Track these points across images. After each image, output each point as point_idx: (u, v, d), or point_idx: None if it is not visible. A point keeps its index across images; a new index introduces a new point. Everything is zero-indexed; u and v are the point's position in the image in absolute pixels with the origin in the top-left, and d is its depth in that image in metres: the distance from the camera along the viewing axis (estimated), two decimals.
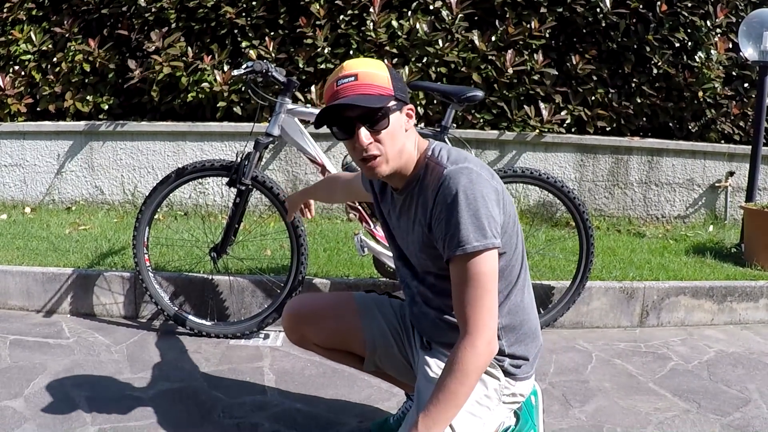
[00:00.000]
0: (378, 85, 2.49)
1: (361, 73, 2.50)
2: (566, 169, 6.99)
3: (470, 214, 2.40)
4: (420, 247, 2.64)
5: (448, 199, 2.44)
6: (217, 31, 6.91)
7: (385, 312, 3.07)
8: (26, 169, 6.97)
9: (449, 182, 2.45)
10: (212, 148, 6.79)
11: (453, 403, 2.38)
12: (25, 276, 4.85)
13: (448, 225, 2.42)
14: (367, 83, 2.48)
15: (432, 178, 2.55)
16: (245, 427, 3.38)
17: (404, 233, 2.75)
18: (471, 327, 2.38)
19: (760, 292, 5.21)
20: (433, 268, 2.66)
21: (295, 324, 3.09)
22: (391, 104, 2.50)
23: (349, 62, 2.57)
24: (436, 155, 2.59)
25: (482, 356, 2.38)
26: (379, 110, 2.47)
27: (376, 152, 2.51)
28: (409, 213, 2.67)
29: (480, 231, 2.40)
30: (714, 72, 7.19)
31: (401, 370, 3.08)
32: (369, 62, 2.57)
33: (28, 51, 7.07)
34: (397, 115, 2.53)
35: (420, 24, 6.68)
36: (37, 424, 3.32)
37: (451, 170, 2.48)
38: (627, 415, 3.66)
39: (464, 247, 2.39)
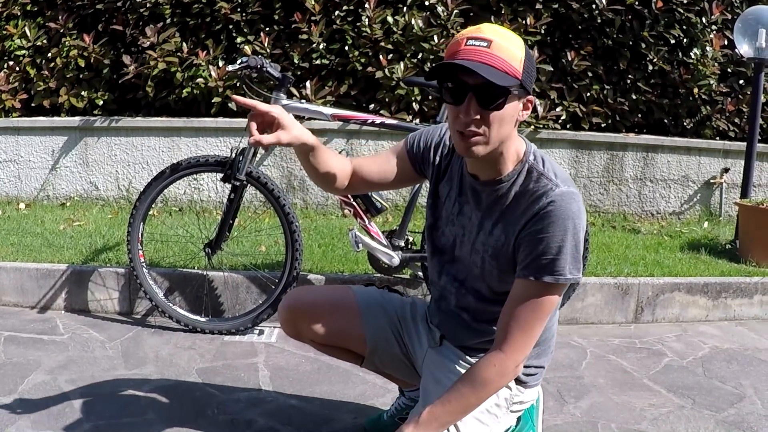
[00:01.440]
0: (509, 63, 2.24)
1: (496, 43, 2.24)
2: (561, 165, 6.98)
3: (573, 245, 2.33)
4: (493, 252, 2.49)
5: (555, 221, 2.31)
6: (212, 27, 6.90)
7: (387, 310, 2.98)
8: (21, 164, 6.96)
9: (561, 204, 2.32)
10: (207, 143, 6.79)
11: (461, 410, 2.39)
12: (19, 272, 4.84)
13: (547, 247, 2.32)
14: (498, 56, 2.23)
15: (535, 187, 2.39)
16: (239, 423, 3.38)
17: (473, 228, 2.57)
18: (509, 346, 2.36)
19: (754, 288, 5.21)
20: (494, 278, 2.53)
21: (292, 319, 2.97)
22: (514, 89, 2.27)
23: (488, 26, 2.31)
24: (540, 165, 2.43)
25: (506, 378, 2.39)
26: (500, 90, 2.23)
27: (479, 131, 2.28)
28: (490, 212, 2.51)
29: (576, 264, 2.34)
30: (709, 69, 7.19)
31: (401, 368, 3.04)
32: (508, 35, 2.29)
33: (22, 46, 7.06)
34: (515, 103, 2.31)
35: (415, 20, 6.67)
36: (32, 420, 3.31)
37: (564, 192, 2.35)
38: (621, 411, 3.65)
39: (557, 277, 2.32)
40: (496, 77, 2.19)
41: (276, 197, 4.35)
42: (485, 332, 2.64)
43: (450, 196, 2.65)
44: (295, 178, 6.83)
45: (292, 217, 4.34)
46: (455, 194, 2.63)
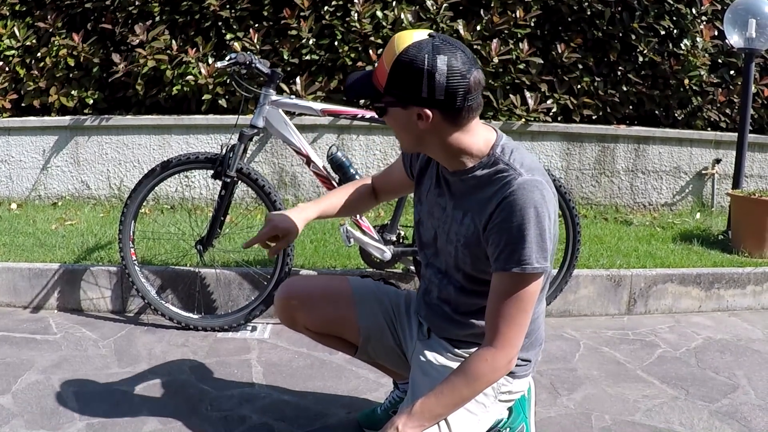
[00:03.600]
0: (379, 73, 2.38)
1: (384, 53, 2.37)
2: (553, 157, 6.99)
3: (537, 233, 2.33)
4: (465, 242, 2.53)
5: (517, 210, 2.33)
6: (202, 24, 6.88)
7: (381, 301, 3.00)
8: (12, 165, 6.94)
9: (521, 193, 2.34)
10: (198, 141, 6.78)
11: (453, 403, 2.41)
12: (11, 272, 4.82)
13: (511, 237, 2.34)
14: (378, 65, 2.39)
15: (500, 178, 2.42)
16: (233, 419, 3.38)
17: (447, 219, 2.61)
18: (498, 342, 2.37)
19: (747, 279, 5.22)
20: (468, 266, 2.57)
21: (287, 307, 2.98)
22: (383, 100, 2.40)
23: (396, 35, 2.39)
24: (507, 156, 2.45)
25: (499, 372, 2.41)
26: (376, 99, 2.41)
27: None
28: (460, 203, 2.55)
29: (542, 253, 2.34)
30: (700, 59, 7.20)
31: (394, 359, 3.05)
32: (390, 48, 2.36)
33: (11, 46, 7.03)
34: (397, 111, 2.39)
35: (404, 14, 6.66)
36: (25, 420, 3.30)
37: (526, 180, 2.37)
38: (615, 403, 3.66)
39: (524, 266, 2.33)
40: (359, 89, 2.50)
41: (267, 193, 4.34)
42: (467, 324, 2.67)
43: (430, 189, 2.70)
44: (287, 174, 6.82)
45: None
46: (434, 187, 2.69)
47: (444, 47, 2.30)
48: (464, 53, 2.33)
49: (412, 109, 2.36)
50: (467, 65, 2.31)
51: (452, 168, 2.53)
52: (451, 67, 2.29)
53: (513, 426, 2.95)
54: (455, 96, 2.32)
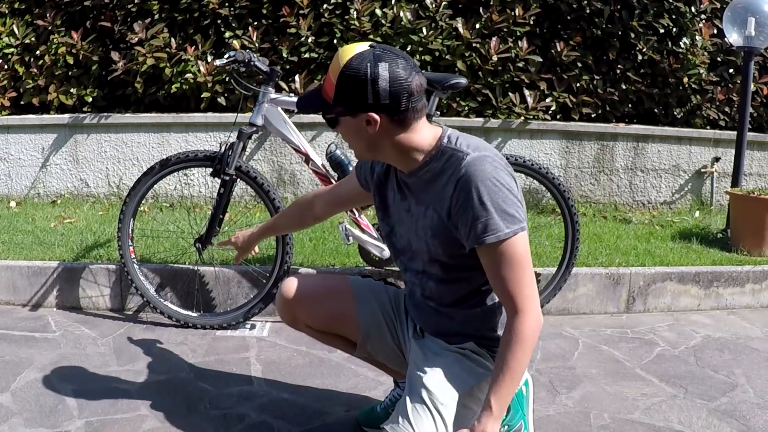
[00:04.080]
0: (327, 86, 2.52)
1: (328, 75, 2.52)
2: (552, 156, 6.99)
3: (499, 201, 2.42)
4: (432, 233, 2.61)
5: (473, 186, 2.43)
6: (201, 22, 6.88)
7: (381, 299, 3.06)
8: (11, 162, 6.94)
9: (473, 169, 2.45)
10: (197, 139, 6.77)
11: (516, 377, 2.45)
12: (10, 270, 4.82)
13: (475, 212, 2.43)
14: (325, 80, 2.53)
15: (450, 163, 2.53)
16: (232, 417, 3.38)
17: (413, 218, 2.70)
18: (519, 305, 2.45)
19: (746, 277, 5.22)
20: (442, 256, 2.64)
21: (289, 305, 3.06)
22: (333, 110, 2.53)
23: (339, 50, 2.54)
24: (453, 144, 2.56)
25: (536, 329, 2.48)
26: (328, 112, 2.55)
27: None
28: (420, 198, 2.65)
29: (510, 216, 2.42)
30: (699, 58, 7.20)
31: (393, 358, 3.09)
32: (335, 62, 2.51)
33: (10, 44, 7.02)
34: (347, 119, 2.53)
35: (404, 12, 6.66)
36: (25, 418, 3.31)
37: (474, 157, 2.48)
38: (614, 401, 3.66)
39: (497, 234, 2.41)
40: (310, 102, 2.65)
41: (266, 191, 4.34)
42: (455, 315, 2.73)
43: (395, 198, 2.80)
44: (285, 172, 6.82)
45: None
46: (397, 194, 2.78)
47: (384, 55, 2.44)
48: (405, 60, 2.46)
49: (361, 116, 2.49)
50: (408, 70, 2.44)
51: (407, 168, 2.64)
52: (393, 72, 2.43)
53: (511, 424, 2.96)
54: (399, 99, 2.45)
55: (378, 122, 2.49)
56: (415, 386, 2.58)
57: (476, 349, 2.71)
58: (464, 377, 2.63)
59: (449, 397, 2.55)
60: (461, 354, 2.70)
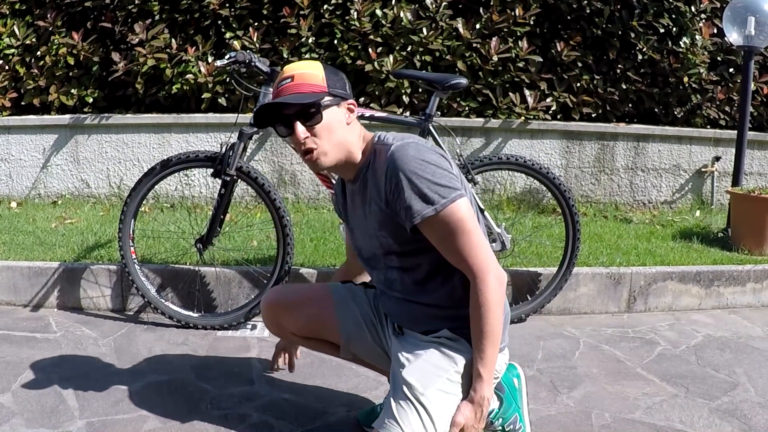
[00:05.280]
0: (311, 84, 2.68)
1: (297, 74, 2.70)
2: (552, 155, 6.99)
3: (428, 176, 2.56)
4: (379, 226, 2.76)
5: (399, 169, 2.58)
6: (201, 22, 6.89)
7: (359, 302, 3.16)
8: (12, 163, 6.94)
9: (398, 154, 2.60)
10: (197, 139, 6.78)
11: (494, 340, 2.59)
12: (11, 270, 4.83)
13: (408, 191, 2.56)
14: (301, 83, 2.67)
15: (381, 158, 2.69)
16: (233, 418, 3.38)
17: (362, 219, 2.87)
18: (476, 269, 2.57)
19: (747, 276, 5.22)
20: (395, 246, 2.77)
21: (272, 314, 3.20)
22: (325, 100, 2.68)
23: (289, 66, 2.78)
24: (383, 139, 2.74)
25: (498, 289, 2.59)
26: (311, 106, 2.65)
27: (313, 146, 2.68)
28: (364, 197, 2.80)
29: (442, 187, 2.56)
30: (699, 57, 7.20)
31: (376, 357, 3.17)
32: (305, 64, 2.77)
33: (11, 45, 7.03)
34: (333, 110, 2.71)
35: (404, 12, 6.67)
36: (25, 418, 3.30)
37: (397, 146, 2.64)
38: (615, 401, 3.66)
39: (434, 206, 2.55)
40: (303, 98, 2.65)
41: (266, 192, 4.34)
42: (420, 301, 2.84)
43: (351, 213, 2.99)
44: (286, 173, 6.82)
45: (283, 212, 4.34)
46: (351, 208, 2.97)
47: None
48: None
49: (343, 104, 2.76)
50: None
51: (351, 174, 2.84)
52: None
53: (505, 416, 3.01)
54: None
55: (354, 109, 2.79)
56: (397, 383, 2.68)
57: (451, 336, 2.78)
58: (442, 365, 2.70)
59: (429, 386, 2.63)
60: (437, 343, 2.79)
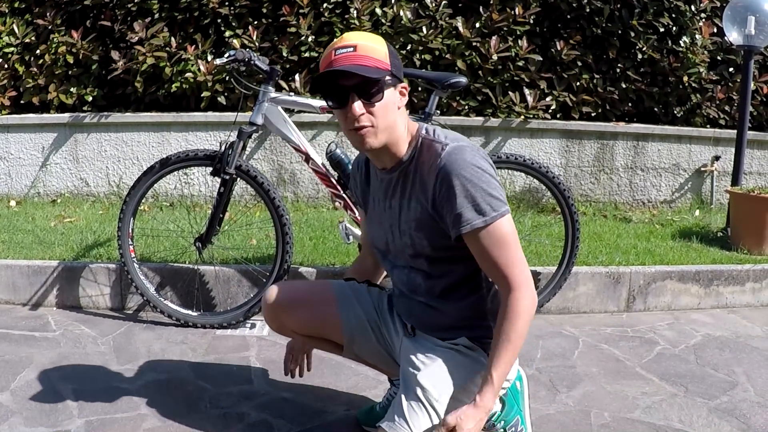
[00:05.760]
0: (375, 59, 2.52)
1: (361, 45, 2.53)
2: (552, 154, 6.99)
3: (483, 185, 2.49)
4: (416, 225, 2.67)
5: (454, 174, 2.49)
6: (201, 21, 6.89)
7: (363, 301, 3.09)
8: (11, 162, 6.94)
9: (454, 157, 2.51)
10: (197, 138, 6.77)
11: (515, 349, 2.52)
12: (10, 269, 4.82)
13: (461, 198, 2.49)
14: (365, 55, 2.51)
15: (429, 154, 2.59)
16: (232, 416, 3.38)
17: (394, 214, 2.75)
18: (514, 282, 2.51)
19: (746, 276, 5.22)
20: (428, 249, 2.68)
21: (274, 312, 3.10)
22: (387, 79, 2.54)
23: (349, 34, 2.60)
24: (431, 134, 2.64)
25: (531, 305, 2.53)
26: (376, 82, 2.51)
27: (367, 123, 2.54)
28: (403, 192, 2.70)
29: (495, 200, 2.50)
30: (699, 57, 7.20)
31: (379, 358, 3.12)
32: (369, 36, 2.60)
33: (10, 43, 7.02)
34: (391, 90, 2.57)
35: (404, 11, 6.67)
36: (24, 417, 3.31)
37: (452, 148, 2.54)
38: (614, 400, 3.66)
39: (484, 218, 2.48)
40: (369, 72, 2.49)
41: (266, 190, 4.34)
42: (442, 309, 2.77)
43: (375, 202, 2.89)
44: (286, 172, 6.82)
45: (283, 210, 4.34)
46: (378, 198, 2.86)
47: None
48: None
49: (398, 86, 2.63)
50: None
51: (390, 162, 2.70)
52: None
53: (507, 419, 2.98)
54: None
55: (406, 94, 2.66)
56: (410, 384, 2.62)
57: (469, 344, 2.74)
58: (458, 373, 2.66)
59: (444, 394, 2.59)
60: (454, 350, 2.73)
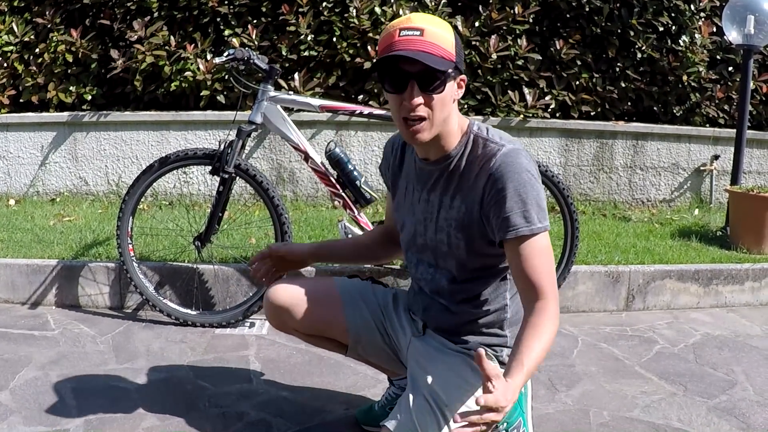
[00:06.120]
0: (442, 47, 2.38)
1: (428, 30, 2.38)
2: (551, 153, 6.99)
3: (534, 194, 2.42)
4: (457, 225, 2.57)
5: (509, 178, 2.40)
6: (200, 20, 6.88)
7: (368, 300, 3.01)
8: (10, 161, 6.94)
9: (510, 161, 2.42)
10: (196, 137, 6.77)
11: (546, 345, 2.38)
12: (9, 268, 4.82)
13: (511, 204, 2.40)
14: (432, 42, 2.37)
15: (482, 153, 2.49)
16: (231, 415, 3.38)
17: (432, 208, 2.65)
18: (544, 291, 2.41)
19: (745, 275, 5.22)
20: (462, 251, 2.60)
21: (276, 309, 3.00)
22: (450, 71, 2.41)
23: (416, 15, 2.44)
24: (484, 133, 2.55)
25: (557, 312, 2.44)
26: (441, 74, 2.37)
27: (423, 114, 2.41)
28: (446, 188, 2.59)
29: (542, 211, 2.43)
30: (698, 56, 7.20)
31: (385, 358, 3.06)
32: (437, 21, 2.45)
33: (10, 42, 7.02)
34: (452, 83, 2.45)
35: (403, 10, 6.66)
36: (23, 416, 3.30)
37: (509, 150, 2.45)
38: (613, 399, 3.66)
39: (531, 227, 2.40)
40: (435, 63, 2.34)
41: (265, 189, 4.34)
42: (464, 313, 2.70)
43: (408, 189, 2.77)
44: (285, 170, 6.82)
45: (282, 209, 4.34)
46: (412, 186, 2.74)
47: None
48: None
49: (458, 78, 2.50)
50: None
51: (436, 154, 2.58)
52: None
53: (510, 421, 2.94)
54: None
55: (463, 86, 2.53)
56: (418, 385, 2.56)
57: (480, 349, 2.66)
58: (469, 379, 2.58)
59: (454, 399, 2.51)
60: (465, 355, 2.67)
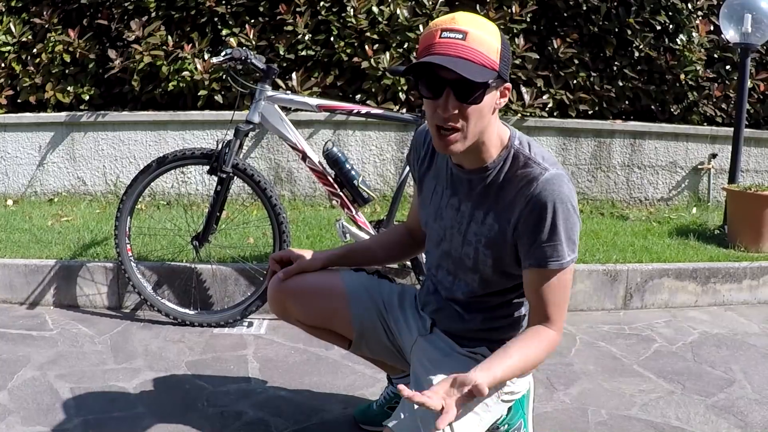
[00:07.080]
0: (485, 54, 2.21)
1: (472, 33, 2.21)
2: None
3: (570, 227, 2.36)
4: (486, 242, 2.49)
5: (549, 207, 2.32)
6: (197, 20, 6.87)
7: (374, 296, 2.95)
8: (8, 161, 6.93)
9: (552, 189, 2.32)
10: (194, 136, 6.77)
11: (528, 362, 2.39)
12: (7, 268, 4.82)
13: (545, 234, 2.34)
14: (474, 48, 2.20)
15: (523, 174, 2.37)
16: (229, 415, 3.38)
17: (463, 219, 2.55)
18: (554, 319, 2.44)
19: (743, 273, 5.22)
20: (488, 269, 2.53)
21: (280, 298, 2.93)
22: (491, 81, 2.24)
23: (461, 15, 2.28)
24: (526, 150, 2.42)
25: (555, 345, 2.48)
26: (479, 84, 2.21)
27: (457, 125, 2.28)
28: (480, 202, 2.49)
29: (574, 245, 2.39)
30: (696, 54, 7.20)
31: (388, 355, 3.02)
32: (483, 24, 2.27)
33: (7, 42, 7.00)
34: (493, 93, 2.29)
35: (400, 9, 6.66)
36: (21, 416, 3.31)
37: (553, 175, 2.34)
38: (611, 398, 3.67)
39: (560, 261, 2.37)
40: (474, 73, 2.18)
41: (263, 189, 4.34)
42: (475, 323, 2.67)
43: (437, 190, 2.65)
44: (283, 170, 6.81)
45: (280, 209, 4.34)
46: (442, 188, 2.63)
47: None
48: None
49: (501, 87, 2.35)
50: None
51: (473, 164, 2.47)
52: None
53: (511, 423, 2.93)
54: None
55: (507, 95, 2.39)
56: (423, 386, 2.47)
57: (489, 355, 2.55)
58: None
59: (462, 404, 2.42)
60: (472, 359, 2.62)
